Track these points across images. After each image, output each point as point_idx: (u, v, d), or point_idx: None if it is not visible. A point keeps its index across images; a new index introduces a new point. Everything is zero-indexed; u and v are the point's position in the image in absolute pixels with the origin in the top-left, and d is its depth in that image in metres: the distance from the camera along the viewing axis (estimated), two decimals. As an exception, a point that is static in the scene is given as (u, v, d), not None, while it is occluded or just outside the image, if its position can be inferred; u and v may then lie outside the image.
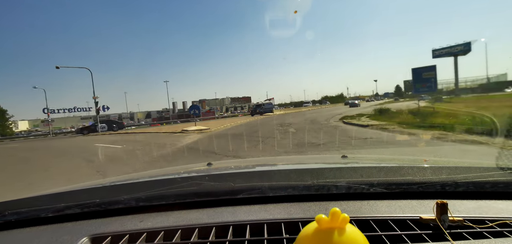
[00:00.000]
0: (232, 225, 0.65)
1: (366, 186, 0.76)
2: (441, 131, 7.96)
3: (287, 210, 0.71)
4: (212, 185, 0.86)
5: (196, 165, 1.80)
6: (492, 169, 0.87)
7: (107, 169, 6.83)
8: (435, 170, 0.93)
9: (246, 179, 0.97)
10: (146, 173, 1.35)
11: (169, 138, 13.90)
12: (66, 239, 0.65)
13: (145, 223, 0.70)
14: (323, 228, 0.41)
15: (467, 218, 0.61)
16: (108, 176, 5.91)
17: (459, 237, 0.55)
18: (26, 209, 0.78)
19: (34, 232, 0.71)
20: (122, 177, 1.28)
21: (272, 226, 0.65)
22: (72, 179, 6.02)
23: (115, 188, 1.06)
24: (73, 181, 5.58)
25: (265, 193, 0.78)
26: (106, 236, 0.65)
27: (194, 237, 0.63)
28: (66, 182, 5.69)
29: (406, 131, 8.76)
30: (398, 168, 0.95)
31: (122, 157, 8.73)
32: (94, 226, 0.70)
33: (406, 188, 0.76)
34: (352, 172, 0.94)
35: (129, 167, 6.66)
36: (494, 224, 0.59)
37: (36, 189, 5.18)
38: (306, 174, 0.95)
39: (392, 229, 0.61)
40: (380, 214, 0.66)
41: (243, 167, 1.50)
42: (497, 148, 5.23)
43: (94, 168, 7.17)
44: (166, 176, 1.28)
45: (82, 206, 0.77)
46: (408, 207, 0.70)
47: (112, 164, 7.85)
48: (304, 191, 0.78)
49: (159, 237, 0.63)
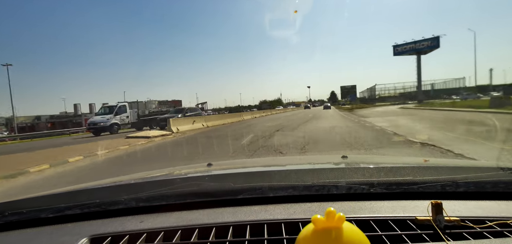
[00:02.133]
0: (232, 225, 0.65)
1: (366, 186, 0.76)
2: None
3: (287, 210, 0.71)
4: (212, 186, 0.86)
5: (196, 166, 1.81)
6: (492, 169, 0.87)
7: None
8: (436, 170, 0.93)
9: (246, 180, 0.97)
10: (146, 174, 1.35)
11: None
12: (66, 239, 0.65)
13: (145, 223, 0.70)
14: (321, 228, 0.41)
15: (467, 218, 0.61)
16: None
17: (458, 237, 0.55)
18: (26, 209, 0.78)
19: (34, 233, 0.71)
20: (122, 177, 1.28)
21: (272, 226, 0.65)
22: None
23: (115, 188, 1.06)
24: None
25: (265, 194, 0.78)
26: (106, 237, 0.65)
27: (194, 237, 0.63)
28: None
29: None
30: (398, 168, 0.95)
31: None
32: (94, 227, 0.70)
33: (407, 188, 0.76)
34: (352, 172, 0.94)
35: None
36: (494, 224, 0.59)
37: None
38: (306, 174, 0.95)
39: (392, 229, 0.61)
40: (380, 214, 0.66)
41: (243, 167, 1.50)
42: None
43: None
44: (166, 177, 1.28)
45: (82, 207, 0.77)
46: (408, 207, 0.70)
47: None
48: (304, 191, 0.78)
49: (159, 237, 0.63)
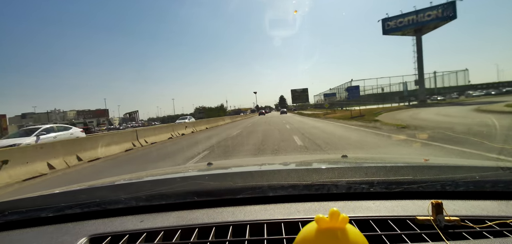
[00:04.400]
0: (232, 225, 0.65)
1: (366, 186, 0.76)
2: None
3: (287, 210, 0.71)
4: (212, 185, 0.86)
5: (196, 165, 1.81)
6: (492, 169, 0.87)
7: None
8: (436, 170, 0.93)
9: (246, 179, 0.97)
10: (146, 173, 1.35)
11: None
12: (66, 239, 0.66)
13: (145, 223, 0.70)
14: (323, 228, 0.41)
15: (467, 217, 0.61)
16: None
17: (458, 237, 0.55)
18: (26, 209, 0.78)
19: (34, 232, 0.71)
20: (122, 177, 1.28)
21: (272, 226, 0.65)
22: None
23: (115, 188, 1.06)
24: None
25: (265, 193, 0.78)
26: (106, 236, 0.65)
27: (194, 237, 0.63)
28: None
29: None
30: (398, 167, 0.95)
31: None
32: (94, 226, 0.70)
33: (407, 188, 0.76)
34: (352, 171, 0.94)
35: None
36: (494, 224, 0.59)
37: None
38: (306, 173, 0.95)
39: (392, 229, 0.61)
40: (380, 214, 0.66)
41: (243, 167, 1.50)
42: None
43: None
44: (166, 176, 1.28)
45: (82, 206, 0.77)
46: (408, 206, 0.70)
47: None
48: (304, 190, 0.78)
49: (159, 237, 0.63)
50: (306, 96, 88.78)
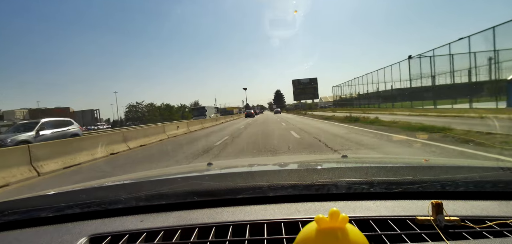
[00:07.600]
0: (232, 225, 0.65)
1: (366, 186, 0.76)
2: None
3: (287, 210, 0.71)
4: (212, 185, 0.86)
5: (196, 165, 1.81)
6: (492, 169, 0.87)
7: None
8: (436, 170, 0.93)
9: (246, 179, 0.97)
10: (146, 173, 1.35)
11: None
12: (66, 239, 0.65)
13: (145, 223, 0.70)
14: (323, 228, 0.41)
15: (467, 217, 0.61)
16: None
17: (458, 237, 0.55)
18: (26, 209, 0.78)
19: (34, 232, 0.71)
20: (122, 177, 1.28)
21: (272, 226, 0.65)
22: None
23: (115, 188, 1.06)
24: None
25: (265, 193, 0.78)
26: (106, 236, 0.65)
27: (194, 237, 0.63)
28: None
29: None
30: (398, 167, 0.95)
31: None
32: (94, 226, 0.70)
33: (406, 188, 0.76)
34: (352, 171, 0.94)
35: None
36: (494, 224, 0.59)
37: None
38: (306, 173, 0.95)
39: (392, 229, 0.61)
40: (380, 214, 0.66)
41: (243, 167, 1.50)
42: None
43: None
44: (166, 176, 1.28)
45: (82, 206, 0.77)
46: (408, 207, 0.70)
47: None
48: (304, 190, 0.78)
49: (159, 237, 0.63)
50: (315, 89, 63.69)
